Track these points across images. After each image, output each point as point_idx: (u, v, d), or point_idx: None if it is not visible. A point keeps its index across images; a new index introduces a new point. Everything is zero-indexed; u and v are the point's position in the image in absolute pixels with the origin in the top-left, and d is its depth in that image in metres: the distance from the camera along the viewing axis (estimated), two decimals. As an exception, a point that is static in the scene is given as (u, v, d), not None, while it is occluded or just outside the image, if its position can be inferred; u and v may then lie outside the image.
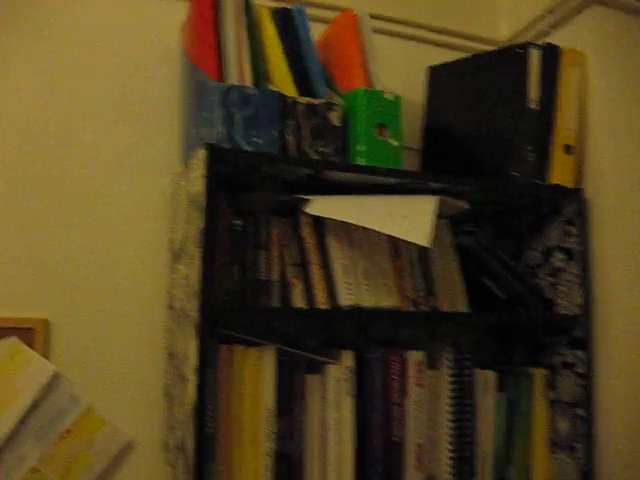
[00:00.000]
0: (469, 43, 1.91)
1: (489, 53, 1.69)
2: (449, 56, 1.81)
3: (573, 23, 1.72)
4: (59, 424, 1.40)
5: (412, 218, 1.32)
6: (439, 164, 1.70)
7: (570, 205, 1.59)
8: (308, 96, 1.41)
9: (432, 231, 1.30)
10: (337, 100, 1.43)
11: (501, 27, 1.97)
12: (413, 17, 1.87)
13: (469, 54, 1.73)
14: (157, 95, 1.59)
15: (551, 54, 1.62)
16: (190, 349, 1.26)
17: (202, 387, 1.22)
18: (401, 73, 1.83)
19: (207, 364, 1.24)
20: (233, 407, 1.30)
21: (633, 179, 1.59)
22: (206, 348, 1.23)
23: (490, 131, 1.61)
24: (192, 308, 1.26)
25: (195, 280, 1.26)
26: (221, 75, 1.36)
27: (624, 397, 1.51)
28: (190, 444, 1.22)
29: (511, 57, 1.62)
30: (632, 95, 1.63)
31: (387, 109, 1.44)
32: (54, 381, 1.41)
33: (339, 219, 1.34)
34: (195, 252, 1.27)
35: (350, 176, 1.39)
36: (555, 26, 1.78)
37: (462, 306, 1.54)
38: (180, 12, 1.58)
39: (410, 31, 1.86)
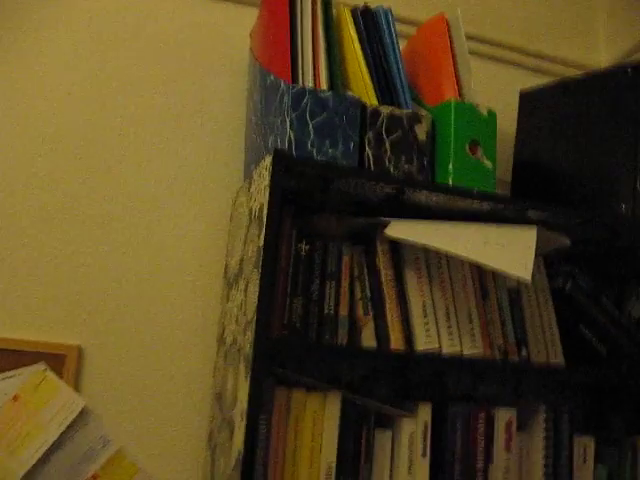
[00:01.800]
0: (564, 68, 1.73)
1: (590, 76, 1.49)
2: (543, 82, 1.62)
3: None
4: (85, 467, 1.22)
5: (511, 249, 1.12)
6: (532, 198, 1.50)
7: (686, 247, 1.38)
8: (391, 106, 1.23)
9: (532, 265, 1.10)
10: (424, 112, 1.25)
11: (600, 52, 1.78)
12: (507, 39, 1.70)
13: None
14: (220, 105, 1.45)
15: (664, 76, 1.42)
16: (240, 390, 1.07)
17: (252, 435, 1.03)
18: (491, 98, 1.64)
19: (259, 408, 1.05)
20: (288, 461, 1.11)
21: None
22: (259, 389, 1.04)
23: (593, 161, 1.42)
24: (246, 341, 1.08)
25: (251, 308, 1.07)
26: (294, 78, 1.20)
27: None
28: (235, 503, 1.02)
29: (619, 79, 1.42)
30: None
31: (481, 125, 1.26)
32: (83, 417, 1.23)
33: (426, 245, 1.14)
34: (253, 275, 1.09)
35: (437, 198, 1.20)
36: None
37: (557, 359, 1.33)
38: (248, 18, 1.44)
39: (503, 53, 1.69)
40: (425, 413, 1.19)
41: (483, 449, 1.22)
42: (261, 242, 1.07)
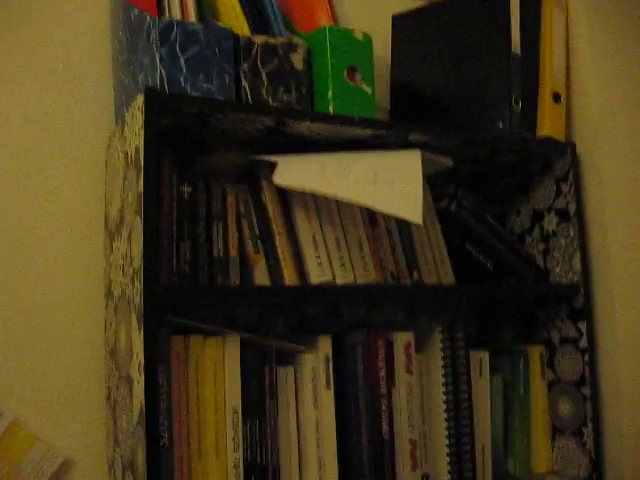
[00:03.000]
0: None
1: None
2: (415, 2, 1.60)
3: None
4: (-24, 444, 1.14)
5: (399, 186, 1.11)
6: (411, 122, 1.50)
7: (561, 160, 1.43)
8: (265, 35, 1.18)
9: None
10: (299, 40, 1.21)
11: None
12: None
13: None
14: (83, 46, 1.34)
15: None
16: (135, 343, 1.03)
17: (152, 388, 0.99)
18: (364, 22, 1.60)
19: (157, 360, 1.02)
20: (191, 411, 1.08)
21: (626, 130, 1.44)
22: (154, 340, 1.00)
23: (469, 81, 1.43)
24: (135, 292, 1.03)
25: (137, 257, 1.02)
26: (160, 11, 1.13)
27: (631, 372, 1.35)
28: (140, 459, 1.00)
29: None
30: (619, 38, 1.47)
31: (357, 50, 1.23)
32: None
33: (316, 192, 1.12)
34: (136, 223, 1.04)
35: (319, 128, 1.18)
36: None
37: (447, 278, 1.35)
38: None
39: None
40: (325, 345, 1.18)
41: (385, 374, 1.23)
42: (140, 187, 1.02)
